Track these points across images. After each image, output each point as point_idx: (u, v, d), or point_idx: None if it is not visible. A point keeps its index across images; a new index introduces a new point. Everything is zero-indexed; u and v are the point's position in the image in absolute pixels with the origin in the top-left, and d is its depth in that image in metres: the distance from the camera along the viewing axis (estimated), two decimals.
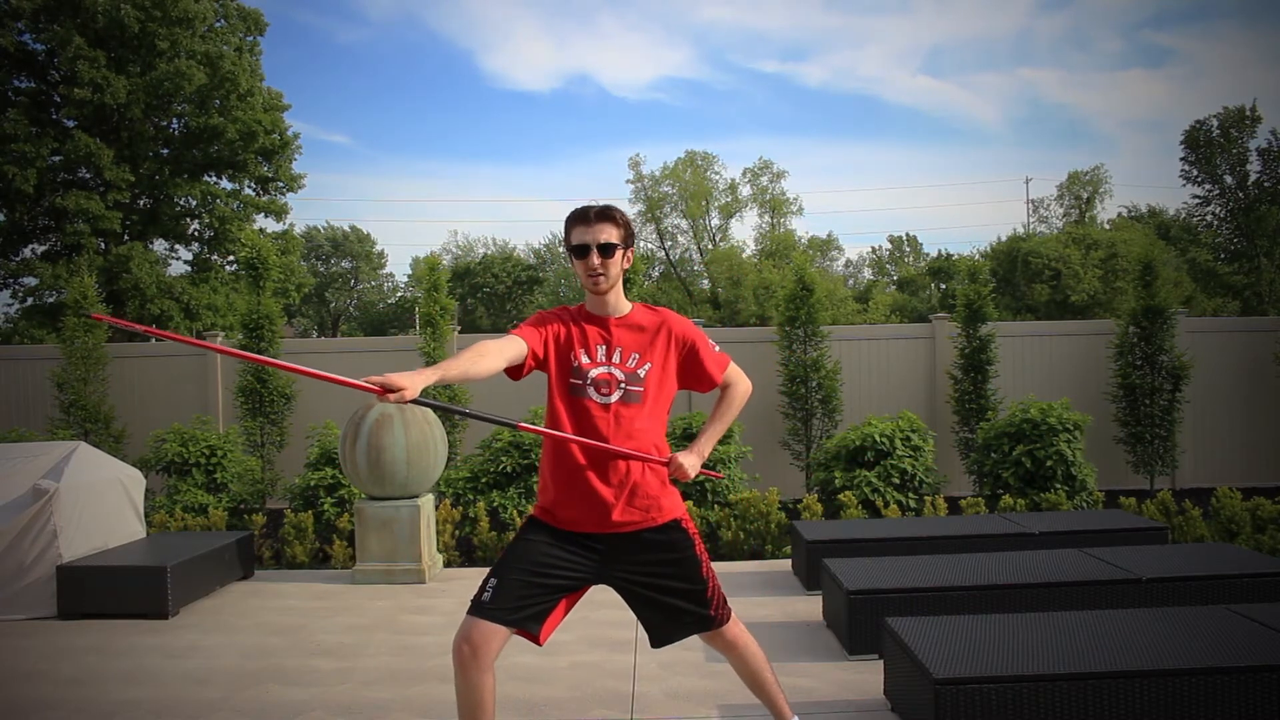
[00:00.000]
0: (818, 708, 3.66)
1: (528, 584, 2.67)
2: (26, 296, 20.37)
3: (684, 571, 2.82)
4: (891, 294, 36.59)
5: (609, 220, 2.77)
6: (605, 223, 2.76)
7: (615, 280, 2.80)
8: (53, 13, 18.10)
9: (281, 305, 12.85)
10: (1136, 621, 3.64)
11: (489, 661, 2.63)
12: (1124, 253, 23.59)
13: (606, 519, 2.73)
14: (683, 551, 2.82)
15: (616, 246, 2.76)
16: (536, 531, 2.78)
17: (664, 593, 2.82)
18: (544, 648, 4.46)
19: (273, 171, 21.49)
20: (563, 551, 2.73)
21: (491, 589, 2.67)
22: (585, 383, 2.74)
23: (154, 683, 4.20)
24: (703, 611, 2.85)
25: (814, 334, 9.01)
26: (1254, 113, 22.29)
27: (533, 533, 2.78)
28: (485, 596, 2.66)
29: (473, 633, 2.61)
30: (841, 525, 6.05)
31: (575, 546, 2.75)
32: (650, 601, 2.84)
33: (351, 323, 45.55)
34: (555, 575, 2.71)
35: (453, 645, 2.65)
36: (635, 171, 31.02)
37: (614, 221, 2.77)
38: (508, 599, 2.65)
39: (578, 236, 2.76)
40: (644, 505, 2.76)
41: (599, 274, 2.75)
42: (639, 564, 2.79)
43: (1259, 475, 9.27)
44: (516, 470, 7.72)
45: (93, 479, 5.72)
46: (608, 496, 2.72)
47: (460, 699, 2.66)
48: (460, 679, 2.64)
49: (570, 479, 2.75)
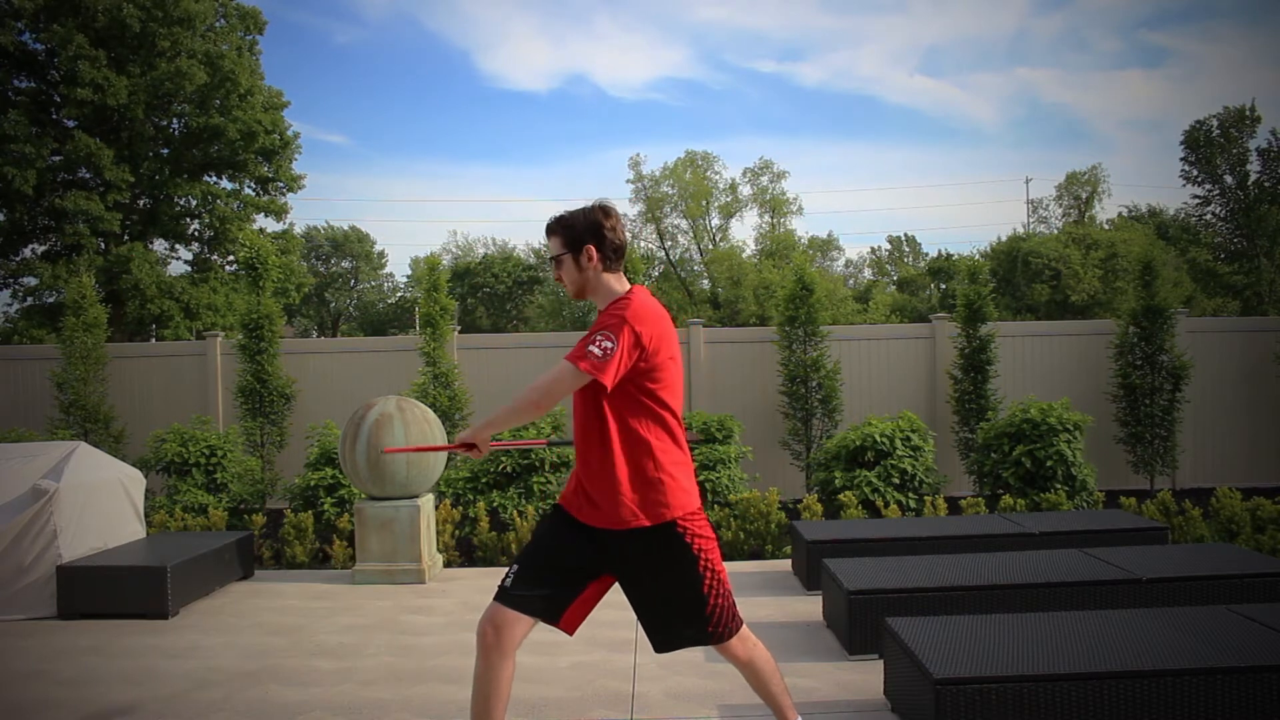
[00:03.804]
0: (818, 708, 3.65)
1: (544, 566, 2.73)
2: (26, 296, 20.40)
3: (678, 578, 2.70)
4: (891, 294, 36.57)
5: (551, 233, 2.82)
6: (551, 237, 2.83)
7: (578, 283, 2.79)
8: (53, 12, 18.10)
9: (281, 305, 12.87)
10: (1136, 621, 3.64)
11: (511, 647, 2.65)
12: (1124, 253, 23.60)
13: (595, 516, 2.72)
14: (678, 557, 2.69)
15: (560, 257, 2.79)
16: (556, 519, 2.82)
17: (654, 598, 2.75)
18: (544, 648, 4.48)
19: (273, 171, 21.49)
20: (573, 535, 2.75)
21: (513, 574, 2.72)
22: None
23: (154, 683, 4.20)
24: (698, 626, 2.74)
25: (814, 334, 9.01)
26: (1254, 113, 22.29)
27: (553, 520, 2.83)
28: (508, 582, 2.70)
29: (496, 616, 2.66)
30: (841, 525, 6.04)
31: (586, 535, 2.75)
32: (642, 604, 2.79)
33: (351, 323, 45.55)
34: (568, 557, 2.74)
35: (477, 629, 2.69)
36: (635, 171, 31.01)
37: (554, 232, 2.80)
38: (528, 583, 2.69)
39: None
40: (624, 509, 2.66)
41: (562, 283, 2.85)
42: (631, 564, 2.74)
43: (1259, 475, 9.27)
44: (516, 470, 7.72)
45: (93, 479, 5.72)
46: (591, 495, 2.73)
47: (477, 684, 2.67)
48: (481, 662, 2.66)
49: (576, 474, 2.82)
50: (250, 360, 8.78)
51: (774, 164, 31.62)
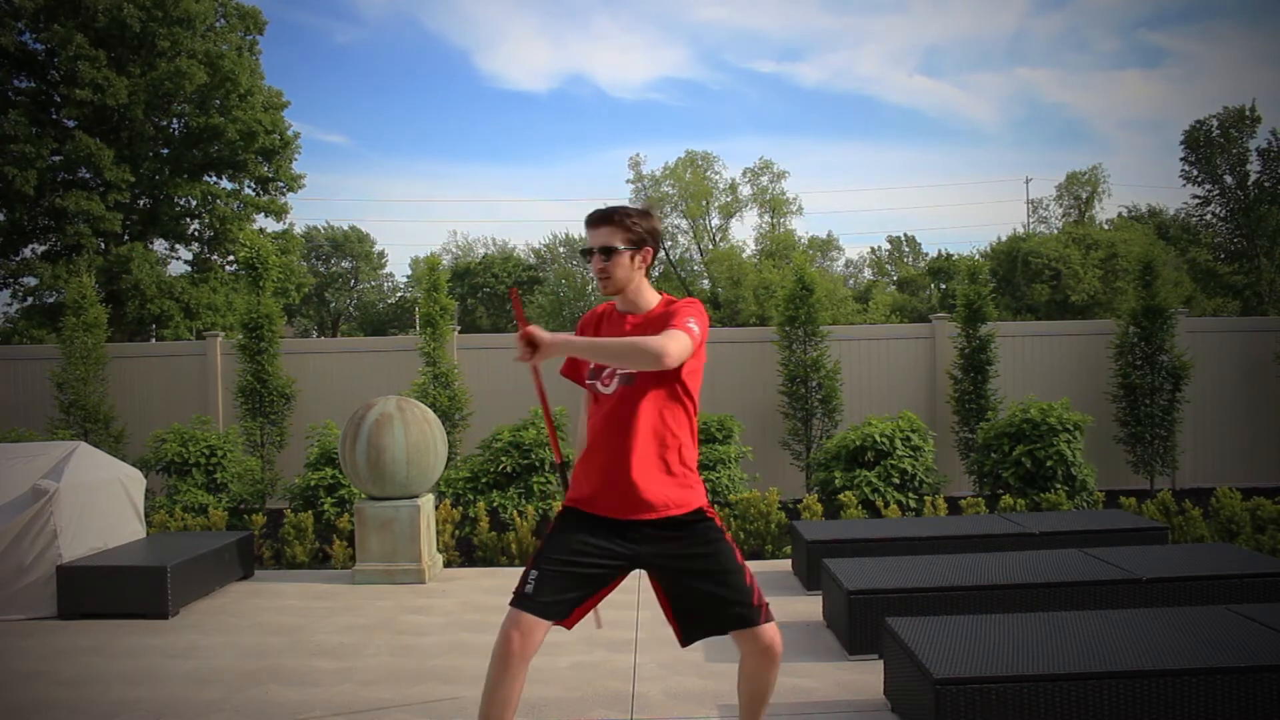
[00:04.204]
0: (818, 708, 3.66)
1: (565, 574, 2.70)
2: (26, 296, 20.39)
3: (719, 562, 2.74)
4: (891, 294, 36.58)
5: (608, 223, 2.78)
6: (606, 225, 2.78)
7: (623, 282, 2.79)
8: (53, 12, 18.10)
9: (281, 305, 12.87)
10: (1136, 621, 3.64)
11: (531, 653, 2.65)
12: (1124, 253, 23.60)
13: (626, 507, 2.73)
14: (714, 541, 2.77)
15: (617, 249, 2.76)
16: (571, 521, 2.79)
17: (701, 579, 2.74)
18: (544, 648, 4.47)
19: (273, 171, 21.49)
20: (597, 540, 2.73)
21: (534, 581, 2.68)
22: (597, 376, 2.82)
23: (154, 683, 4.20)
24: (744, 599, 2.72)
25: (814, 334, 9.01)
26: (1254, 113, 22.30)
27: (568, 523, 2.79)
28: (528, 589, 2.67)
29: (521, 622, 2.64)
30: (841, 525, 6.05)
31: (608, 533, 2.74)
32: (680, 592, 2.77)
33: (351, 323, 45.56)
34: (591, 565, 2.72)
35: (501, 637, 2.64)
36: (635, 171, 31.04)
37: (614, 223, 2.77)
38: (549, 590, 2.67)
39: (586, 240, 2.82)
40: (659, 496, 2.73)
41: (602, 276, 2.79)
42: (671, 553, 2.75)
43: (1259, 475, 9.27)
44: (516, 470, 7.73)
45: (93, 479, 5.72)
46: (624, 485, 2.72)
47: (495, 691, 2.63)
48: (501, 670, 2.62)
49: (595, 469, 2.78)
50: (250, 360, 8.78)
51: (774, 164, 31.58)
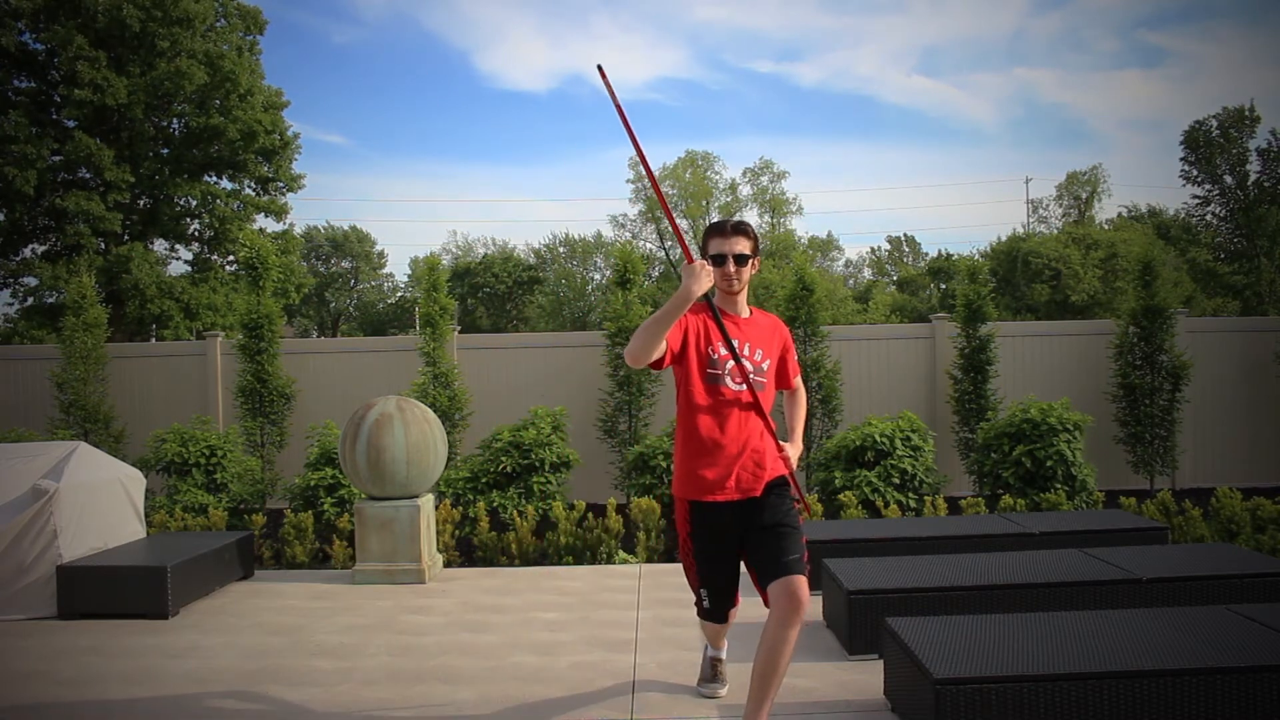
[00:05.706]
0: (818, 708, 3.66)
1: (728, 580, 3.40)
2: (26, 296, 20.40)
3: (789, 511, 3.25)
4: (891, 294, 36.60)
5: (742, 234, 3.22)
6: (739, 236, 3.22)
7: (745, 284, 3.28)
8: (53, 13, 18.10)
9: (281, 305, 12.87)
10: (1136, 621, 3.63)
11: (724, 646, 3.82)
12: (1124, 253, 23.62)
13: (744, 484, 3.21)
14: (790, 500, 3.28)
15: (749, 257, 3.23)
16: (702, 535, 3.31)
17: (781, 524, 3.18)
18: (544, 648, 4.48)
19: (273, 171, 21.50)
20: (725, 540, 3.30)
21: (710, 599, 3.43)
22: (722, 372, 3.20)
23: (154, 683, 4.20)
24: (799, 546, 3.17)
25: (814, 334, 9.01)
26: (1253, 113, 22.33)
27: (702, 539, 3.32)
28: (708, 604, 3.44)
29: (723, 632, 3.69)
30: (841, 525, 6.04)
31: (726, 525, 3.25)
32: (769, 531, 3.17)
33: (351, 323, 45.57)
34: (730, 561, 3.36)
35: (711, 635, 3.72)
36: (635, 171, 31.03)
37: (747, 235, 3.23)
38: (725, 601, 3.45)
39: (715, 247, 3.22)
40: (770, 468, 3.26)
41: (734, 279, 3.22)
42: (767, 507, 3.22)
43: (1259, 475, 9.27)
44: (516, 470, 7.73)
45: (93, 479, 5.72)
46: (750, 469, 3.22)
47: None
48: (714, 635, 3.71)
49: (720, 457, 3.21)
50: (250, 360, 8.78)
51: (774, 164, 31.70)
